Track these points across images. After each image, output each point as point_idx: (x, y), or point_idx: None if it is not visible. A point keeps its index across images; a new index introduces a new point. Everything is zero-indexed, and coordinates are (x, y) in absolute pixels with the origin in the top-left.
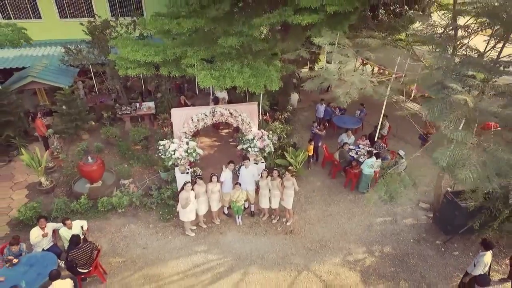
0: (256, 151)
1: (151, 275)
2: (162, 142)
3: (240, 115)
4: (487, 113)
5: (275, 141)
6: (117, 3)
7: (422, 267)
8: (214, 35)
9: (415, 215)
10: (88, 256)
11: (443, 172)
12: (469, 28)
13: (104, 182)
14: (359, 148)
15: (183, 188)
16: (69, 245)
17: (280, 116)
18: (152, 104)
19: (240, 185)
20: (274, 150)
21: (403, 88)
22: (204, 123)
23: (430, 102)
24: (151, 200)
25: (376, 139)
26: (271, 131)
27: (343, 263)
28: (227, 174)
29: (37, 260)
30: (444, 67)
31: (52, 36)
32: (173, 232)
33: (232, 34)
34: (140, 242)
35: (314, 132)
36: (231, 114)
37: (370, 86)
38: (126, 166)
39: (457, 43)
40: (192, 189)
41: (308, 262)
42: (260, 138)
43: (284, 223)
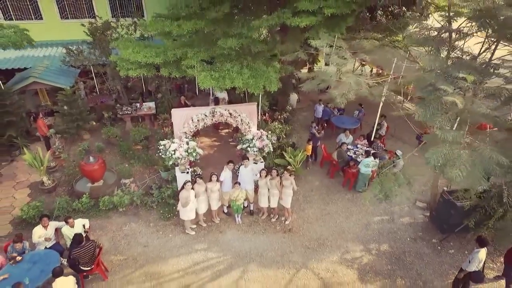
0: (255, 151)
1: (152, 273)
2: (162, 142)
3: (239, 115)
4: (476, 114)
5: (274, 141)
6: (117, 4)
7: (419, 265)
8: (214, 37)
9: (412, 214)
10: (90, 254)
11: (435, 171)
12: (462, 31)
13: (105, 182)
14: (357, 148)
15: (183, 187)
16: (72, 243)
17: (279, 116)
18: (152, 104)
19: (239, 184)
20: (273, 150)
21: (401, 88)
22: (204, 123)
23: (423, 103)
24: (152, 199)
25: (372, 139)
26: (270, 131)
27: (340, 261)
28: (226, 173)
29: (40, 257)
30: (437, 69)
31: (53, 37)
32: (173, 230)
33: (232, 36)
34: (141, 240)
35: (312, 132)
36: (230, 114)
37: (366, 87)
38: (127, 165)
39: (451, 46)
40: (192, 188)
41: (306, 260)
42: (259, 138)
43: (283, 221)
